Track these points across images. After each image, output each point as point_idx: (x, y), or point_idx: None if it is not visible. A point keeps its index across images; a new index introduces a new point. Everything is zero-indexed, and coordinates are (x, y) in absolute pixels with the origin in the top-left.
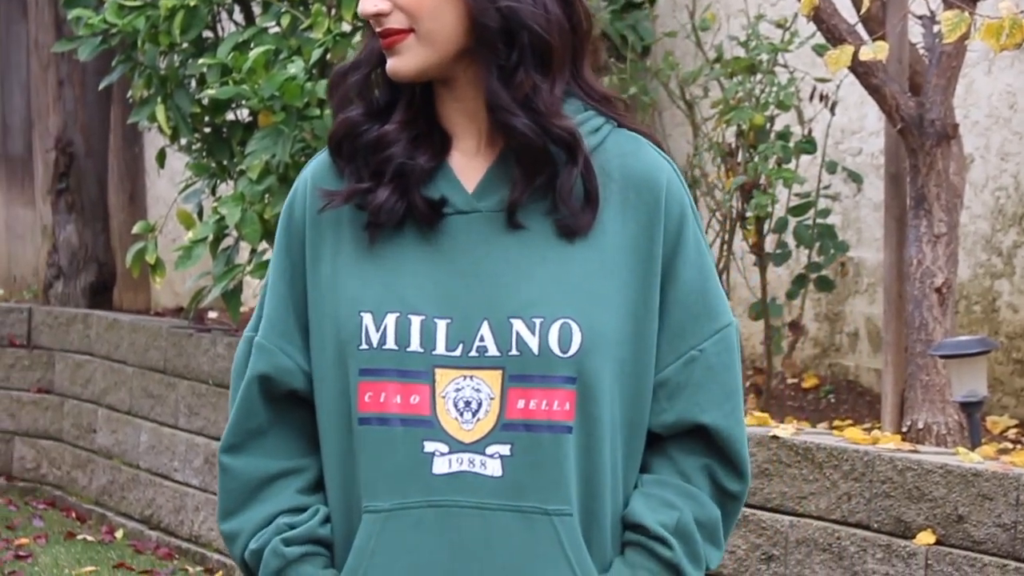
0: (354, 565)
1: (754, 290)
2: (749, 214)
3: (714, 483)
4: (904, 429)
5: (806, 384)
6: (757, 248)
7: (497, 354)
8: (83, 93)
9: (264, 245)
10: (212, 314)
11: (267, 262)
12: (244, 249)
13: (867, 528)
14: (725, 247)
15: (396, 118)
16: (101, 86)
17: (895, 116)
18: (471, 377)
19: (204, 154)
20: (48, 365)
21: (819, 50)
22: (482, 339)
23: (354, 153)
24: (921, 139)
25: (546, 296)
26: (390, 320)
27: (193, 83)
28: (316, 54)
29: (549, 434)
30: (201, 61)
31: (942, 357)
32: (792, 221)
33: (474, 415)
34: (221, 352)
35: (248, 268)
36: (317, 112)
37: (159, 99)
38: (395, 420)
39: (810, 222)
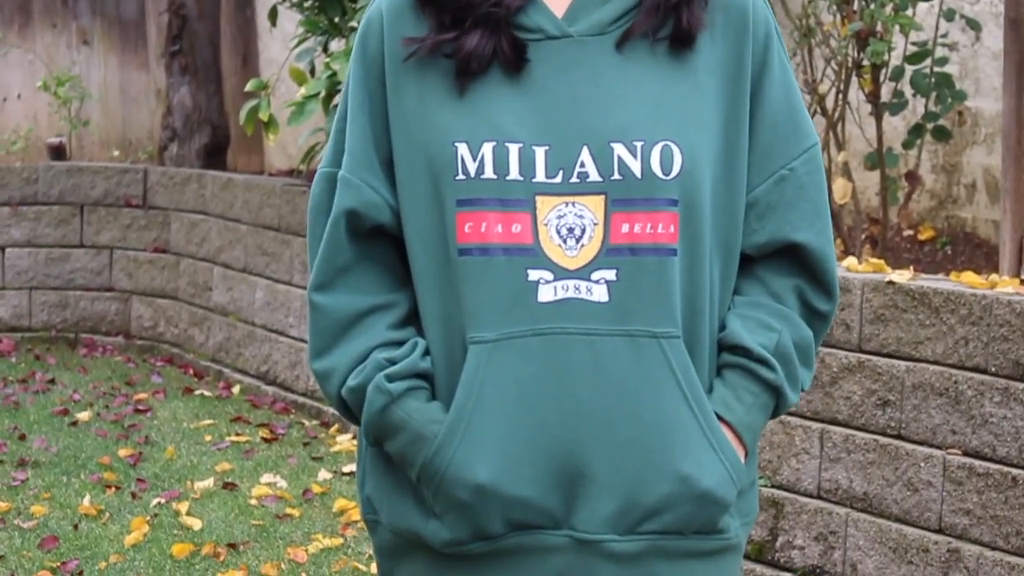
0: (463, 397)
1: (870, 140)
2: (865, 62)
3: (804, 303)
4: (1022, 276)
5: (922, 236)
6: (873, 97)
7: (599, 179)
8: None
9: None
10: None
11: None
12: None
13: (984, 372)
14: (840, 96)
15: None
16: None
17: None
18: (573, 203)
19: (316, 11)
20: (164, 225)
21: None
22: (583, 165)
23: None
24: None
25: (644, 119)
26: (487, 149)
27: None
28: None
29: (655, 257)
30: None
31: None
32: (909, 70)
33: (578, 241)
34: None
35: None
36: None
37: None
38: (497, 250)
39: (927, 71)
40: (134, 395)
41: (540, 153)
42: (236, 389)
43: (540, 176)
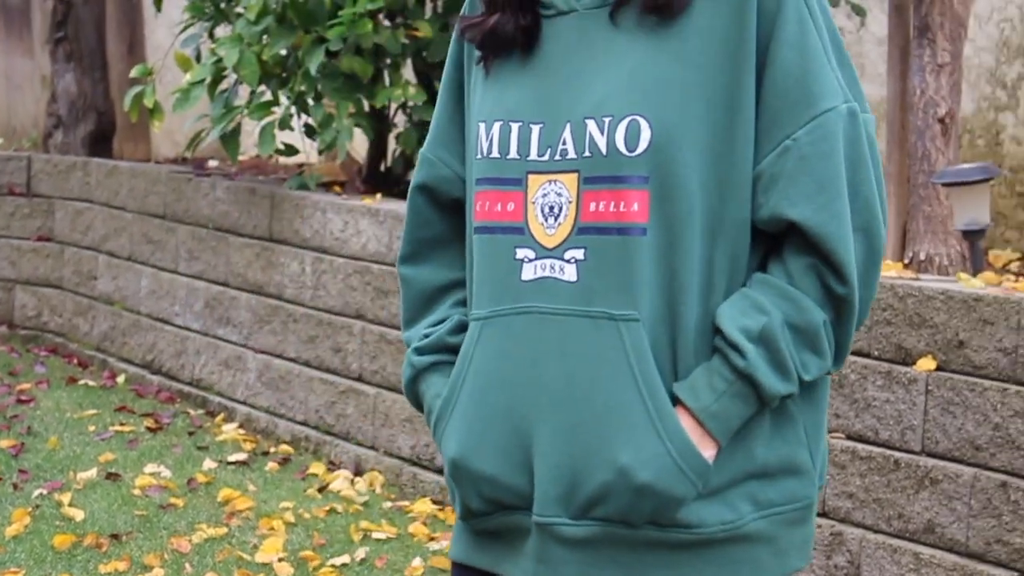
0: (456, 373)
1: None
2: None
3: (822, 284)
4: (906, 261)
5: None
6: None
7: (574, 156)
8: None
9: (263, 87)
10: (212, 162)
11: (266, 103)
12: (243, 92)
13: (868, 356)
14: None
15: None
16: None
17: None
18: (555, 181)
19: None
20: (48, 213)
21: None
22: (564, 142)
23: None
24: None
25: (617, 93)
26: (496, 129)
27: None
28: None
29: (619, 237)
30: None
31: (944, 185)
32: None
33: (556, 219)
34: (220, 196)
35: (246, 110)
36: None
37: None
38: (496, 228)
39: None
40: (17, 385)
41: (536, 131)
42: (121, 379)
43: (533, 154)
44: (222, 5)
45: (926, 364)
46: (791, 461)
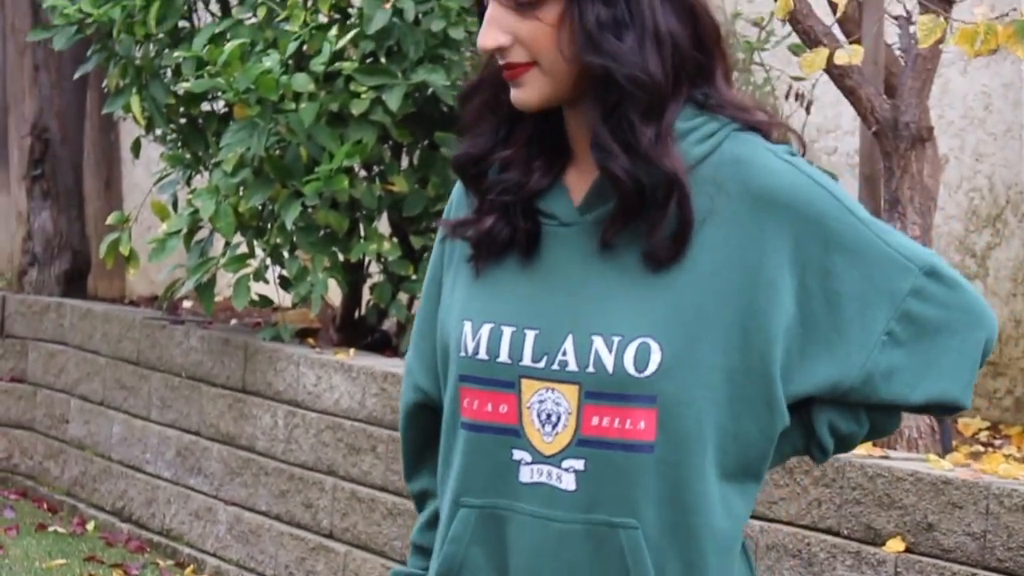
0: (451, 551)
1: None
2: None
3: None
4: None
5: None
6: None
7: (576, 369)
8: (59, 79)
9: (239, 238)
10: (187, 303)
11: (241, 256)
12: (218, 241)
13: (837, 535)
14: None
15: (516, 141)
16: (76, 75)
17: (870, 118)
18: (552, 390)
19: (179, 145)
20: (21, 354)
21: (795, 49)
22: (564, 353)
23: (476, 179)
24: (896, 142)
25: (630, 314)
26: (485, 330)
27: (168, 73)
28: (292, 47)
29: (623, 452)
30: (176, 53)
31: None
32: None
33: (554, 428)
34: (194, 344)
35: (222, 261)
36: (292, 106)
37: (134, 89)
38: (488, 428)
39: None
40: None
41: (530, 337)
42: (90, 526)
43: (527, 360)
44: (199, 153)
45: (895, 545)
46: None
